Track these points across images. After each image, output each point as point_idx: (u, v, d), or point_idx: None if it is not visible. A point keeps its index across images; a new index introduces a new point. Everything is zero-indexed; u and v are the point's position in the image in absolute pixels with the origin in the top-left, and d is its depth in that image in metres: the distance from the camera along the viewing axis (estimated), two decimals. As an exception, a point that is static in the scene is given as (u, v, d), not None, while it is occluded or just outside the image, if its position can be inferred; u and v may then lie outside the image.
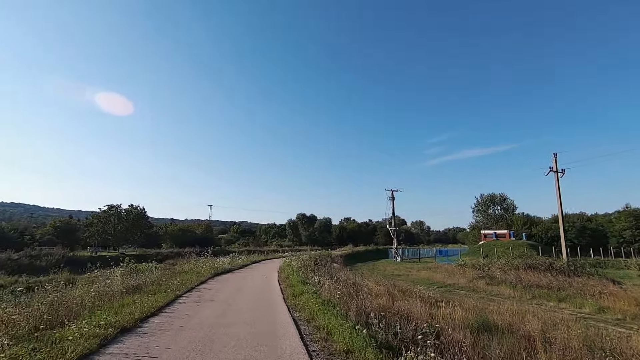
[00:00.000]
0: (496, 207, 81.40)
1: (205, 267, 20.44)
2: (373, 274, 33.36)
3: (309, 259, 29.87)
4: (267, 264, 30.00)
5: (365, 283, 18.44)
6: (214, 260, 25.41)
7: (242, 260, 28.21)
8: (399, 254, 48.40)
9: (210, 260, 23.96)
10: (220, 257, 39.44)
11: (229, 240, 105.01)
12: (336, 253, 45.02)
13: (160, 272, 16.72)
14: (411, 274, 32.12)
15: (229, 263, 24.25)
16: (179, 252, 59.02)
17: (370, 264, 44.71)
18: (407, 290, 17.72)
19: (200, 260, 25.19)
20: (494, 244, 55.82)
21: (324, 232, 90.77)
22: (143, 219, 67.81)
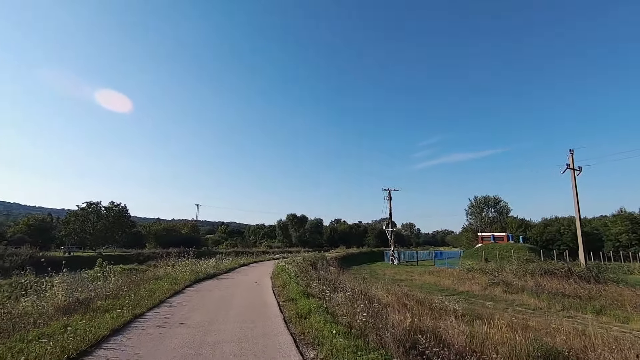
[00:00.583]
0: (490, 210, 79.51)
1: (185, 271, 17.07)
2: (373, 278, 30.41)
3: (303, 261, 26.76)
4: (257, 267, 26.66)
5: (375, 292, 15.45)
6: (197, 263, 22.02)
7: (228, 263, 24.82)
8: (396, 256, 45.54)
9: (192, 263, 20.54)
10: (205, 259, 36.04)
11: (216, 240, 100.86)
12: (330, 255, 41.88)
13: (125, 279, 13.29)
14: (414, 279, 29.23)
15: (213, 267, 20.88)
16: (162, 253, 55.19)
17: (367, 267, 41.74)
18: (424, 302, 14.76)
19: (179, 263, 21.75)
20: (492, 246, 53.49)
21: (314, 234, 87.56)
22: (124, 218, 63.54)
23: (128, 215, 64.70)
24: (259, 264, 30.09)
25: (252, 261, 31.96)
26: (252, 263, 30.74)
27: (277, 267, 22.14)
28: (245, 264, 28.26)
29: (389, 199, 46.50)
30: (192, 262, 22.27)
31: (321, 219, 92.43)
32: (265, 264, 29.97)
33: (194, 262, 22.07)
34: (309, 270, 20.96)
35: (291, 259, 31.58)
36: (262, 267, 25.99)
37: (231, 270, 22.33)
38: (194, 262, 22.07)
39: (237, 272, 21.86)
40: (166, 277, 15.11)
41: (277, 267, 21.90)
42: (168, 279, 14.38)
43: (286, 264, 21.73)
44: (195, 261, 23.17)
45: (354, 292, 10.64)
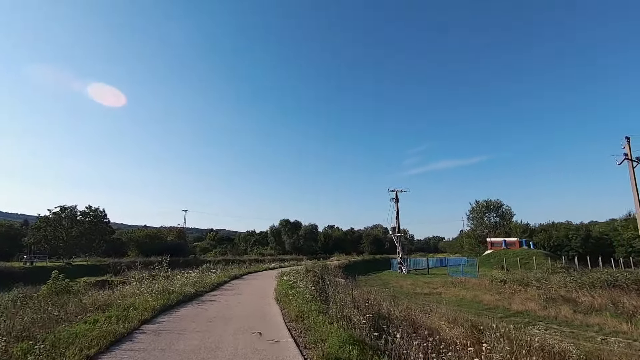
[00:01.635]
0: (492, 214, 75.29)
1: (153, 292, 11.58)
2: (391, 292, 25.21)
3: (306, 272, 21.58)
4: (252, 281, 21.10)
5: (424, 319, 10.28)
6: (174, 277, 16.55)
7: (216, 277, 19.21)
8: (405, 264, 40.38)
9: (166, 279, 15.05)
10: (188, 270, 30.45)
11: (204, 248, 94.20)
12: (332, 264, 36.42)
13: (43, 312, 7.80)
14: (439, 292, 24.07)
15: (195, 282, 15.36)
16: (144, 262, 48.82)
17: (374, 277, 36.52)
18: (509, 337, 9.62)
19: (150, 277, 16.22)
20: (505, 253, 48.84)
21: (309, 240, 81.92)
22: (103, 223, 57.04)
23: (107, 220, 58.21)
24: (253, 276, 24.51)
25: (245, 272, 26.36)
26: (246, 275, 25.15)
27: (280, 281, 16.74)
28: (238, 276, 22.67)
29: (396, 200, 41.52)
30: (169, 275, 16.81)
31: (316, 224, 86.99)
32: (262, 276, 24.44)
33: (170, 276, 16.60)
34: (321, 284, 15.79)
35: (292, 269, 26.20)
36: (260, 281, 20.47)
37: (219, 287, 16.77)
38: (170, 276, 16.60)
39: (227, 289, 16.33)
40: (116, 304, 9.58)
41: (281, 281, 16.49)
42: (117, 309, 8.88)
43: (293, 278, 16.35)
44: (175, 274, 17.73)
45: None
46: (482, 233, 73.35)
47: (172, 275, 17.59)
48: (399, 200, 41.51)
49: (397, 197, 41.63)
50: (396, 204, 41.42)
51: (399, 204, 41.45)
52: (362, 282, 30.72)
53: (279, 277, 20.46)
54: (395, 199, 41.62)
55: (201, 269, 26.80)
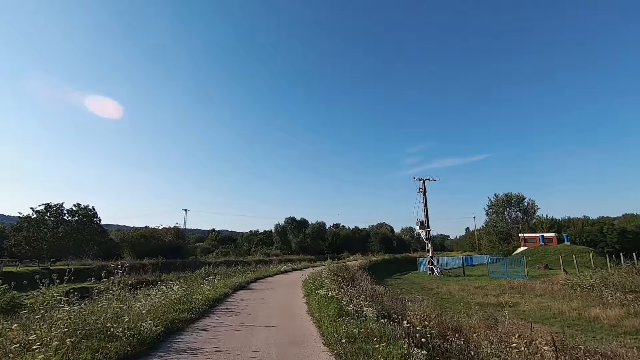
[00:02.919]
0: (513, 209, 68.96)
1: (66, 336, 5.31)
2: (446, 303, 19.02)
3: (332, 276, 15.66)
4: (265, 294, 14.35)
5: None
6: (142, 292, 10.38)
7: (211, 289, 12.80)
8: (437, 265, 34.08)
9: (120, 301, 8.76)
10: (183, 274, 24.51)
11: (205, 249, 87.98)
12: (352, 265, 30.26)
13: None
14: (509, 301, 17.80)
15: (170, 307, 9.04)
16: (136, 265, 42.56)
17: (403, 279, 30.37)
18: None
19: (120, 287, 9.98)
20: (543, 250, 42.53)
21: (316, 239, 75.65)
22: (92, 223, 50.89)
23: (97, 220, 52.06)
24: (265, 284, 18.06)
25: (253, 278, 19.94)
26: (254, 282, 18.75)
27: (314, 297, 10.33)
28: (243, 285, 16.27)
29: (423, 191, 35.24)
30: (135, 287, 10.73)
31: (323, 222, 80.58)
32: (276, 284, 18.05)
33: (133, 292, 10.49)
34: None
35: (312, 273, 19.98)
36: (278, 295, 13.67)
37: (213, 309, 10.26)
38: (133, 292, 10.49)
39: (228, 313, 9.89)
40: None
41: (316, 298, 10.07)
42: None
43: (331, 292, 10.00)
44: (140, 292, 11.65)
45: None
46: (503, 229, 67.04)
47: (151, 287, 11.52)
48: (426, 191, 35.29)
49: (425, 187, 35.39)
50: (423, 195, 35.15)
51: (427, 194, 35.20)
52: (395, 287, 24.54)
53: (304, 286, 14.30)
54: (422, 189, 35.35)
55: (195, 275, 20.69)
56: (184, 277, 30.46)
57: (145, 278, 37.15)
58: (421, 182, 35.62)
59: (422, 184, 35.49)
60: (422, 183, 35.50)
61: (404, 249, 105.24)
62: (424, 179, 35.64)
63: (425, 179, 35.63)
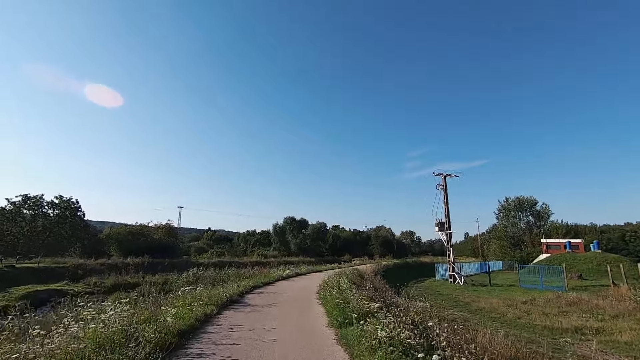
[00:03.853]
0: (525, 213, 64.70)
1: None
2: (500, 325, 14.48)
3: (351, 285, 11.22)
4: (269, 319, 9.57)
5: None
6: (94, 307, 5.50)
7: (182, 309, 8.10)
8: (460, 272, 29.57)
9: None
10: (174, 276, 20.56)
11: (200, 248, 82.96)
12: (364, 269, 25.79)
13: None
14: (584, 325, 13.34)
15: (96, 349, 4.36)
16: (119, 264, 37.71)
17: (423, 287, 25.82)
18: None
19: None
20: (571, 257, 38.15)
21: (316, 240, 70.99)
22: (75, 217, 46.09)
23: (81, 213, 47.25)
24: (264, 299, 13.14)
25: (249, 287, 15.14)
26: (249, 293, 13.99)
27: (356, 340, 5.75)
28: (235, 300, 11.57)
29: (444, 188, 30.81)
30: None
31: (324, 222, 75.90)
32: (279, 297, 13.34)
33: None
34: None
35: (326, 281, 15.48)
36: (289, 325, 8.80)
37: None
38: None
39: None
40: None
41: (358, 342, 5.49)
42: None
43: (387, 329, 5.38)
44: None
45: None
46: (514, 234, 62.75)
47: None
48: (447, 188, 30.84)
49: (446, 184, 30.94)
50: (444, 192, 30.71)
51: (447, 191, 30.74)
52: (421, 298, 20.04)
53: (323, 304, 9.88)
54: (442, 186, 30.91)
55: (176, 281, 16.12)
56: (162, 283, 25.72)
57: (126, 279, 32.56)
58: (441, 178, 31.20)
59: (443, 180, 31.08)
60: (443, 179, 31.09)
61: (404, 252, 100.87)
62: (444, 174, 31.23)
63: (446, 174, 31.24)
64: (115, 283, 29.70)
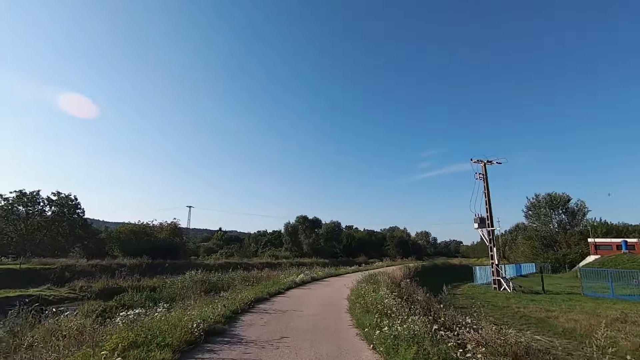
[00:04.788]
0: (557, 211, 58.73)
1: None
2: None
3: (388, 294, 6.18)
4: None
5: None
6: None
7: None
8: (507, 276, 24.55)
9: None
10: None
11: (209, 249, 79.20)
12: (392, 272, 21.12)
13: None
14: None
15: None
16: (112, 266, 33.63)
17: (467, 296, 21.00)
18: None
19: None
20: (629, 259, 32.59)
21: (330, 240, 66.30)
22: (74, 214, 42.55)
23: (80, 211, 43.69)
24: (270, 325, 8.55)
25: (251, 299, 10.48)
26: (249, 311, 9.37)
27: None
28: (223, 332, 7.04)
29: (484, 177, 25.86)
30: None
31: (339, 221, 71.12)
32: (293, 321, 8.64)
33: None
34: None
35: (357, 288, 10.83)
36: None
37: None
38: None
39: None
40: None
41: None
42: None
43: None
44: None
45: None
46: (546, 234, 56.88)
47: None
48: (488, 177, 25.86)
49: (486, 172, 25.97)
50: (484, 182, 25.73)
51: (488, 181, 25.74)
52: (475, 313, 15.28)
53: (366, 336, 5.05)
54: (482, 175, 25.95)
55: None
56: (151, 289, 21.46)
57: (118, 283, 28.50)
58: (480, 166, 26.22)
59: (483, 167, 26.09)
60: (483, 167, 26.10)
61: (419, 254, 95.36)
62: (484, 160, 26.25)
63: (487, 160, 26.25)
64: (105, 287, 25.59)
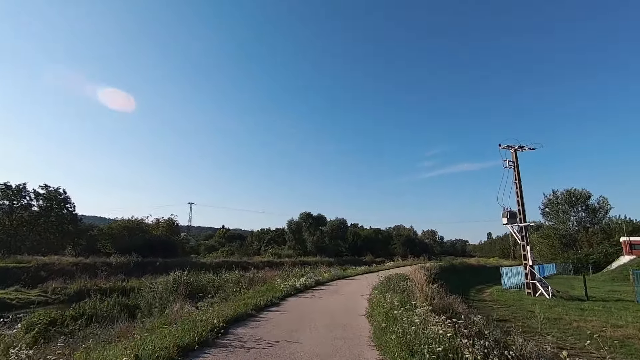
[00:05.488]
0: (577, 209, 54.80)
1: None
2: None
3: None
4: None
5: None
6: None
7: None
8: (543, 279, 21.00)
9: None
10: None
11: (211, 247, 75.93)
12: (409, 274, 17.83)
13: None
14: None
15: None
16: (97, 264, 30.36)
17: (497, 304, 17.54)
18: None
19: None
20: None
21: (335, 239, 62.92)
22: (62, 209, 39.55)
23: (70, 206, 40.62)
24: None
25: (230, 318, 7.23)
26: (223, 338, 6.10)
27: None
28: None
29: (514, 165, 22.34)
30: None
31: (344, 219, 67.62)
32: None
33: None
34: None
35: (376, 295, 7.31)
36: None
37: None
38: None
39: None
40: None
41: None
42: None
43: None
44: None
45: None
46: (566, 232, 53.02)
47: None
48: (519, 166, 22.32)
49: (517, 160, 22.43)
50: (515, 171, 22.17)
51: (519, 169, 22.22)
52: (522, 328, 11.82)
53: None
54: (512, 162, 22.41)
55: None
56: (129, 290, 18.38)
57: (98, 284, 25.48)
58: (511, 152, 22.65)
59: (513, 155, 22.52)
60: (513, 154, 22.53)
61: (426, 253, 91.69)
62: (514, 146, 22.68)
63: (518, 146, 22.67)
64: (82, 289, 22.48)
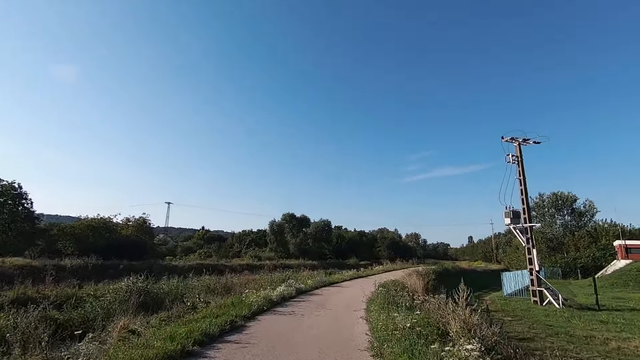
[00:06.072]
0: (563, 212, 54.14)
1: None
2: None
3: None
4: None
5: None
6: None
7: None
8: (551, 286, 18.85)
9: None
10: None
11: (188, 248, 71.69)
12: (409, 282, 15.25)
13: None
14: None
15: None
16: (47, 267, 26.10)
17: (502, 313, 15.25)
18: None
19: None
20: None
21: (319, 241, 60.14)
22: (18, 205, 35.22)
23: (26, 202, 36.27)
24: None
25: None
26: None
27: None
28: None
29: (518, 158, 20.25)
30: None
31: (329, 220, 64.95)
32: None
33: None
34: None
35: (378, 314, 4.49)
36: None
37: None
38: None
39: None
40: None
41: None
42: None
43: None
44: None
45: None
46: (553, 236, 52.14)
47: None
48: (522, 160, 20.26)
49: (521, 154, 20.38)
50: (519, 167, 20.08)
51: (523, 164, 20.14)
52: (533, 340, 9.44)
53: None
54: (516, 157, 20.33)
55: None
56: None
57: (41, 291, 21.73)
58: (514, 146, 20.57)
59: (517, 148, 20.43)
60: (517, 147, 20.44)
61: (410, 255, 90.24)
62: (518, 139, 20.61)
63: (522, 139, 20.62)
64: (22, 296, 18.78)
